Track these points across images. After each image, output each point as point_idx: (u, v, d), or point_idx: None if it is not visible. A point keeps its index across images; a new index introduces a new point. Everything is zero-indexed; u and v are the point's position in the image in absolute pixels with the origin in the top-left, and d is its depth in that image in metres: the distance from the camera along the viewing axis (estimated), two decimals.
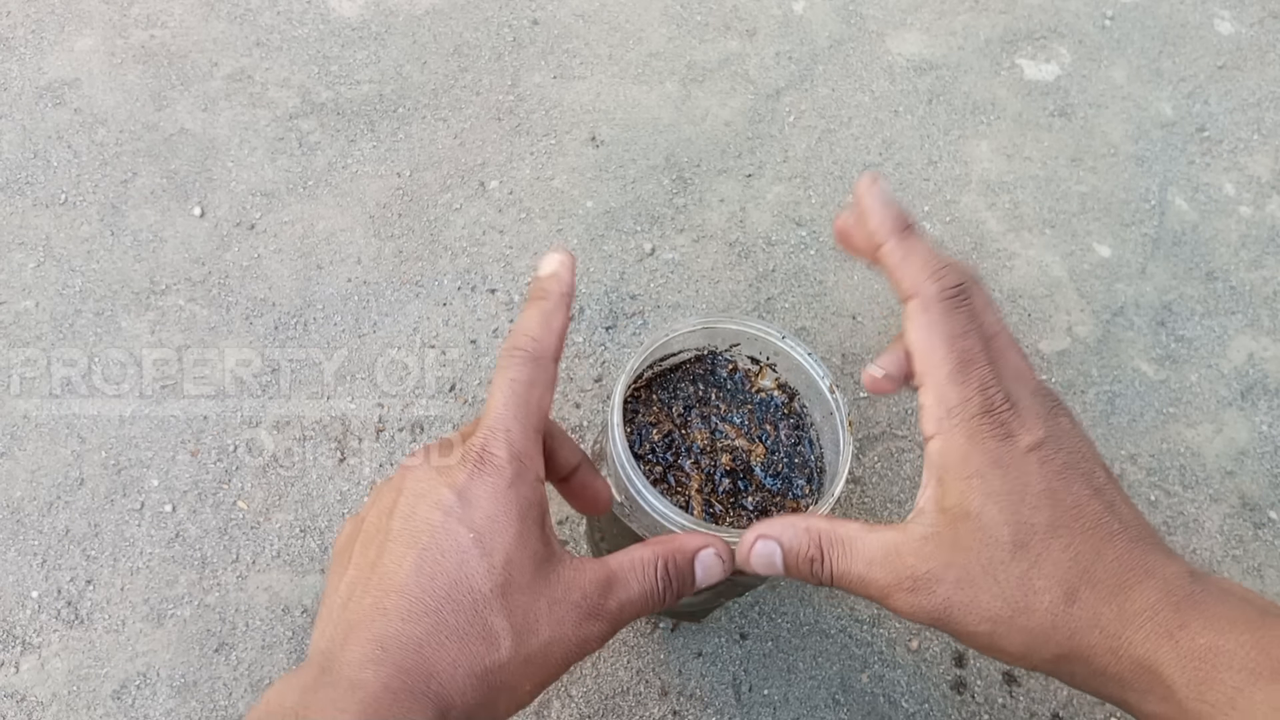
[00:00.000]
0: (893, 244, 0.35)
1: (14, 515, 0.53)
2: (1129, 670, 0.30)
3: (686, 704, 0.51)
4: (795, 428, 0.44)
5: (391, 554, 0.32)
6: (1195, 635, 0.30)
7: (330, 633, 0.31)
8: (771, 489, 0.43)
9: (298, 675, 0.30)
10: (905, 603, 0.32)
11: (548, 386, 0.35)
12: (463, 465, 0.33)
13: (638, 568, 0.34)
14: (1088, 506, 0.32)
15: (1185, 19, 0.81)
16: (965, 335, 0.33)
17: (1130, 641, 0.30)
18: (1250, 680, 0.29)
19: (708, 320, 0.43)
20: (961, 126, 0.73)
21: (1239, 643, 0.29)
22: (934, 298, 0.34)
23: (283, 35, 0.72)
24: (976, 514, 0.32)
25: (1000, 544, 0.31)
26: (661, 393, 0.44)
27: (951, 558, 0.32)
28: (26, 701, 0.48)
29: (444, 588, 0.31)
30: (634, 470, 0.38)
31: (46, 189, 0.63)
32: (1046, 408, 0.34)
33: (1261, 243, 0.70)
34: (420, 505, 0.33)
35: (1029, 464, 0.32)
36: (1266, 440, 0.61)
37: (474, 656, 0.30)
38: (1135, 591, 0.31)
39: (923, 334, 0.34)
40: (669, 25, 0.76)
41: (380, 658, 0.30)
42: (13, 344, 0.58)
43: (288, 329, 0.60)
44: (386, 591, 0.31)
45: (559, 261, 0.37)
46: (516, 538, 0.32)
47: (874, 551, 0.33)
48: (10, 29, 0.70)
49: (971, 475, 0.32)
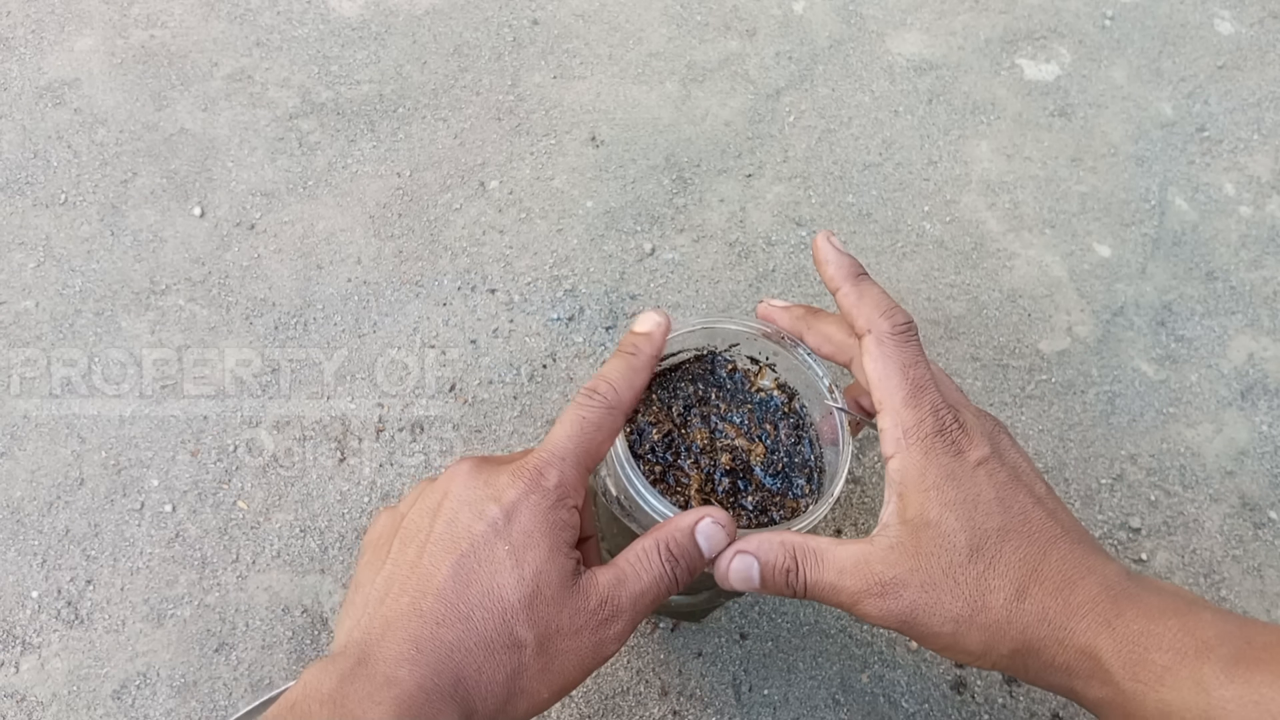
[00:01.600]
0: (848, 288, 0.39)
1: (14, 515, 0.53)
2: (1074, 658, 0.34)
3: (686, 704, 0.51)
4: (795, 427, 0.44)
5: (431, 556, 0.34)
6: (1130, 622, 0.33)
7: (366, 624, 0.33)
8: (771, 488, 0.43)
9: (335, 662, 0.32)
10: (874, 607, 0.35)
11: (610, 434, 0.38)
12: (514, 481, 0.35)
13: (642, 559, 0.36)
14: (1032, 513, 0.35)
15: (1185, 19, 0.81)
16: (916, 365, 0.37)
17: (1074, 631, 0.33)
18: (1178, 659, 0.32)
19: (707, 320, 0.43)
20: (961, 126, 0.73)
21: (1167, 627, 0.32)
22: (887, 332, 0.38)
23: (283, 35, 0.72)
24: (936, 522, 0.35)
25: (958, 549, 0.34)
26: (661, 392, 0.44)
27: (916, 563, 0.35)
28: (26, 701, 0.48)
29: (477, 596, 0.33)
30: (633, 470, 0.38)
31: (46, 189, 0.63)
32: (988, 428, 0.37)
33: (1261, 243, 0.70)
34: (465, 513, 0.34)
35: (979, 476, 0.35)
36: (1266, 440, 0.62)
37: (499, 664, 0.32)
38: (1078, 587, 0.34)
39: (878, 365, 0.37)
40: (669, 25, 0.76)
41: (415, 658, 0.31)
42: (13, 344, 0.58)
43: (288, 329, 0.60)
44: (424, 593, 0.33)
45: (655, 322, 0.40)
46: (548, 554, 0.34)
47: (844, 561, 0.36)
48: (10, 29, 0.70)
49: (929, 488, 0.35)
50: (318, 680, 0.31)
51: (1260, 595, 0.56)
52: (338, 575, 0.52)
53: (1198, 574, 0.57)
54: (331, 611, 0.52)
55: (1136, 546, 0.57)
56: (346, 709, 0.30)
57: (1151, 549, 0.57)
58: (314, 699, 0.30)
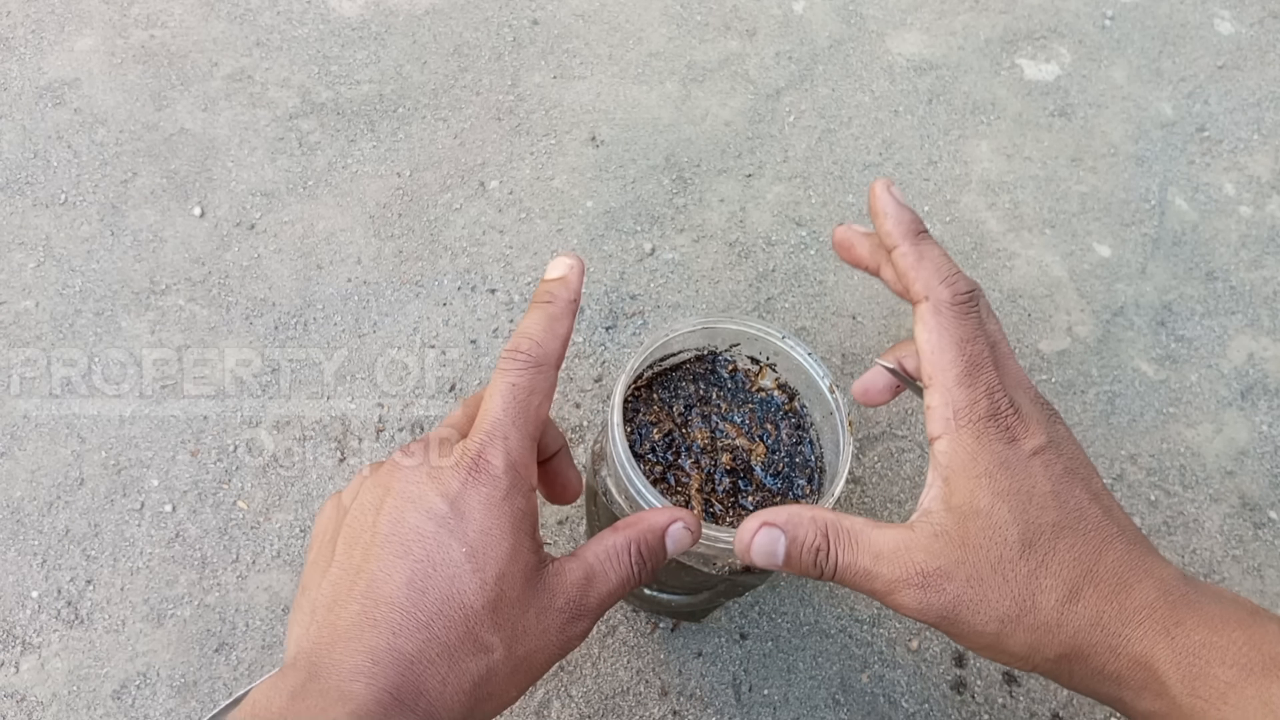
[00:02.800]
0: (906, 247, 0.36)
1: (14, 515, 0.53)
2: (1126, 667, 0.31)
3: (686, 704, 0.51)
4: (796, 427, 0.44)
5: (380, 561, 0.31)
6: (1190, 632, 0.30)
7: (315, 635, 0.31)
8: (772, 488, 0.43)
9: (283, 679, 0.30)
10: (912, 599, 0.32)
11: (547, 394, 0.35)
12: (456, 471, 0.33)
13: (611, 557, 0.34)
14: (1089, 510, 0.33)
15: (1185, 19, 0.81)
16: (974, 340, 0.34)
17: (1129, 639, 0.31)
18: (1243, 675, 0.29)
19: (708, 320, 0.43)
20: (961, 126, 0.73)
21: (1231, 639, 0.30)
22: (946, 302, 0.34)
23: (283, 35, 0.72)
24: (986, 512, 0.32)
25: (1009, 543, 0.32)
26: (662, 392, 0.44)
27: (963, 555, 0.32)
28: (26, 701, 0.48)
29: (435, 603, 0.31)
30: (634, 470, 0.38)
31: (46, 189, 0.63)
32: (1046, 415, 0.35)
33: (1261, 243, 0.70)
34: (410, 511, 0.32)
35: (1034, 467, 0.33)
36: (1266, 440, 0.62)
37: (464, 672, 0.30)
38: (1134, 591, 0.31)
39: (934, 336, 0.34)
40: (669, 25, 0.76)
41: (371, 671, 0.29)
42: (13, 344, 0.58)
43: (288, 329, 0.60)
44: (376, 602, 0.31)
45: (567, 266, 0.37)
46: (510, 552, 0.32)
47: (882, 546, 0.33)
48: (10, 29, 0.70)
49: (980, 475, 0.33)
50: (267, 699, 0.29)
51: (1260, 595, 0.56)
52: None
53: (1198, 574, 0.57)
54: None
55: None
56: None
57: None
58: (263, 717, 0.28)
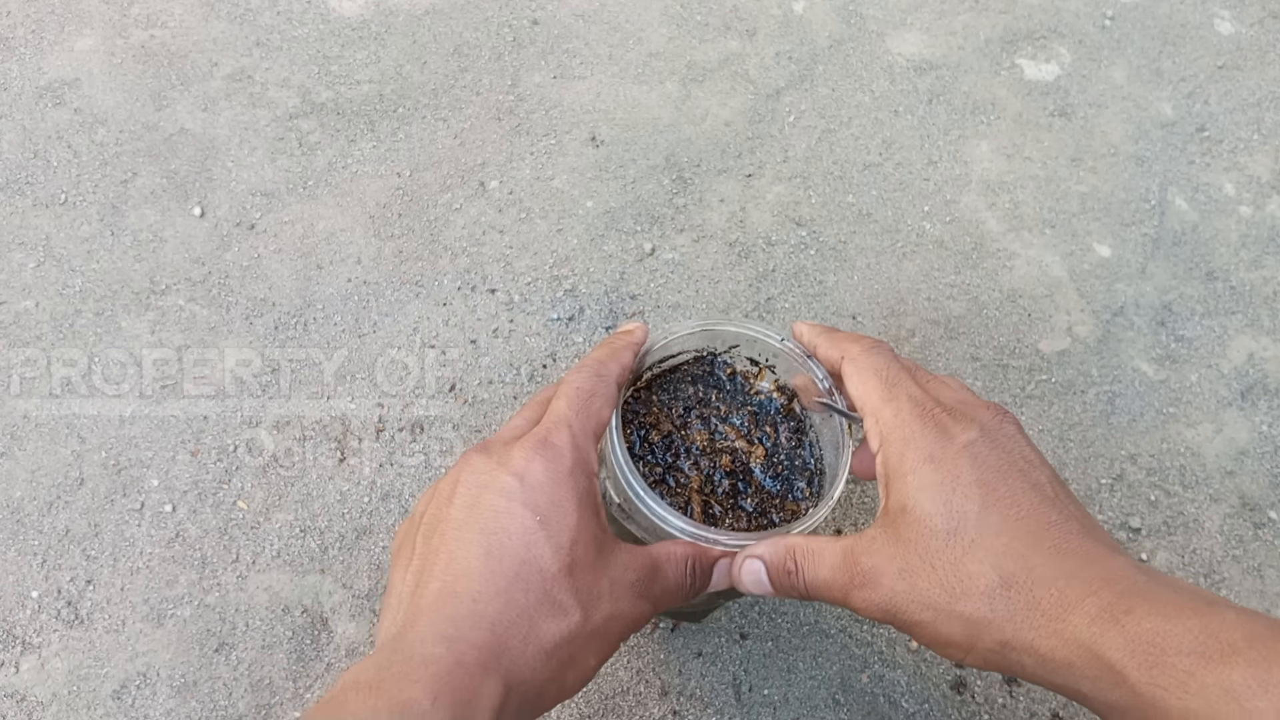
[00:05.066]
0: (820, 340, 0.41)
1: (14, 515, 0.53)
2: (1076, 655, 0.31)
3: (686, 704, 0.51)
4: (795, 430, 0.44)
5: (458, 541, 0.34)
6: (1141, 620, 0.30)
7: (402, 618, 0.33)
8: (771, 490, 0.43)
9: (373, 657, 0.32)
10: (859, 599, 0.35)
11: (607, 400, 0.38)
12: (523, 450, 0.35)
13: (675, 560, 0.37)
14: (1023, 498, 0.34)
15: (1185, 19, 0.81)
16: (889, 367, 0.38)
17: (1073, 625, 0.31)
18: (1201, 663, 0.29)
19: (706, 322, 0.43)
20: (961, 126, 0.73)
21: (1186, 627, 0.30)
22: (858, 351, 0.39)
23: (283, 35, 0.72)
24: (912, 507, 0.34)
25: (935, 532, 0.33)
26: (661, 394, 0.44)
27: (894, 550, 0.34)
28: (26, 701, 0.48)
29: (512, 568, 0.33)
30: (632, 473, 0.38)
31: (46, 189, 0.63)
32: (990, 414, 0.36)
33: (1261, 243, 0.70)
34: (484, 494, 0.34)
35: (961, 459, 0.34)
36: (1266, 440, 0.61)
37: (544, 633, 0.32)
38: (1076, 578, 0.32)
39: (854, 379, 0.38)
40: (669, 25, 0.76)
41: (453, 635, 0.31)
42: (13, 344, 0.58)
43: (288, 329, 0.60)
44: (456, 576, 0.33)
45: (636, 325, 0.42)
46: (579, 520, 0.34)
47: (835, 557, 0.36)
48: (10, 29, 0.70)
49: (907, 473, 0.35)
50: (355, 673, 0.31)
51: (1260, 595, 0.56)
52: (338, 575, 0.52)
53: (1198, 574, 0.57)
54: (332, 611, 0.52)
55: (1136, 546, 0.57)
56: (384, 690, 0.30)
57: (1151, 549, 0.57)
58: (351, 688, 0.30)
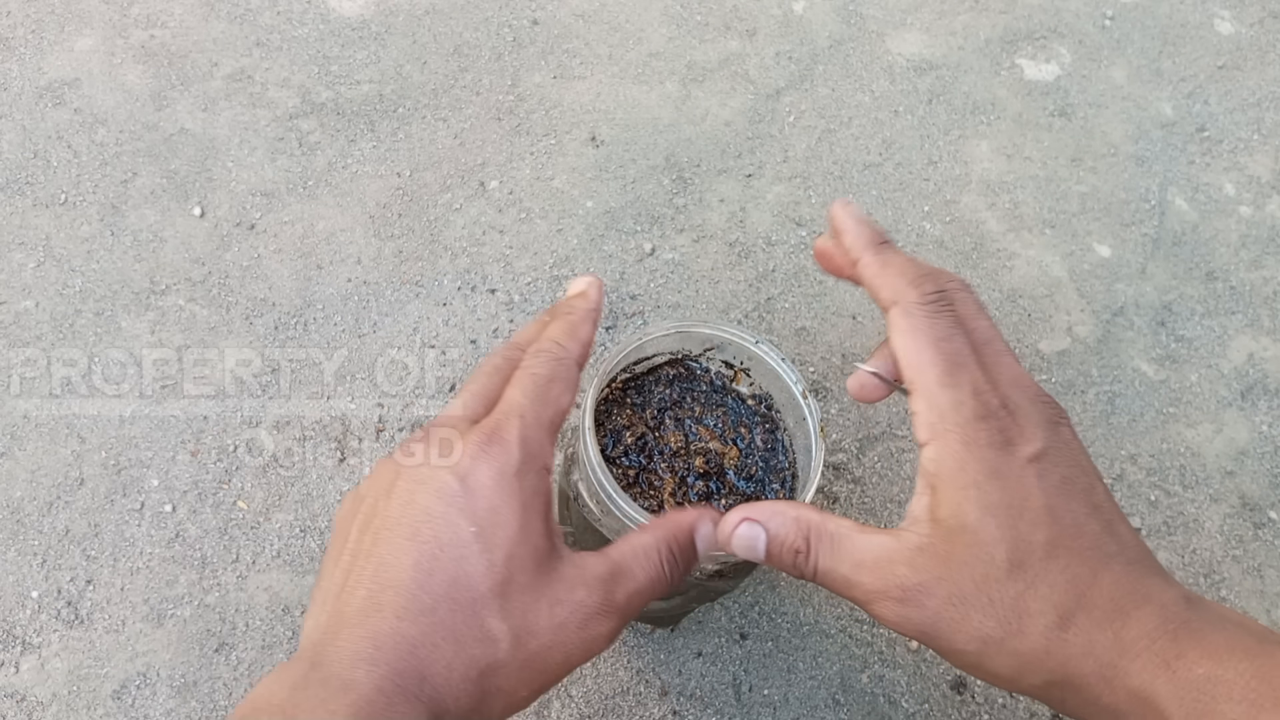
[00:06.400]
0: (869, 257, 0.35)
1: (14, 515, 0.53)
2: (1124, 701, 0.29)
3: (686, 704, 0.51)
4: (769, 432, 0.44)
5: (390, 544, 0.31)
6: (1192, 665, 0.28)
7: (324, 623, 0.30)
8: (745, 492, 0.43)
9: (288, 670, 0.29)
10: (892, 612, 0.31)
11: (568, 386, 0.34)
12: (468, 444, 0.32)
13: (640, 555, 0.33)
14: (1086, 526, 0.31)
15: (1185, 19, 0.81)
16: (951, 338, 0.33)
17: (1126, 671, 0.29)
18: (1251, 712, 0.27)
19: (682, 324, 0.43)
20: (961, 126, 0.73)
21: (1238, 672, 0.28)
22: (915, 302, 0.33)
23: (283, 35, 0.72)
24: (973, 528, 0.30)
25: (996, 562, 0.30)
26: (635, 396, 0.44)
27: (945, 572, 0.30)
28: (26, 701, 0.48)
29: (442, 585, 0.30)
30: (605, 475, 0.37)
31: (46, 189, 0.63)
32: (1047, 416, 0.32)
33: (1261, 243, 0.70)
34: (420, 491, 0.31)
35: (1028, 476, 0.31)
36: (1266, 440, 0.61)
37: (470, 660, 0.29)
38: (1132, 618, 0.29)
39: (907, 339, 0.33)
40: (669, 25, 0.76)
41: (374, 657, 0.28)
42: (13, 344, 0.58)
43: (288, 329, 0.60)
44: (383, 586, 0.30)
45: (586, 283, 0.37)
46: (519, 532, 0.31)
47: (863, 554, 0.32)
48: (10, 29, 0.70)
49: (968, 485, 0.31)
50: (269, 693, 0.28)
51: (1260, 595, 0.56)
52: None
53: (1198, 574, 0.57)
54: None
55: None
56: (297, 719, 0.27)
57: (1151, 549, 0.57)
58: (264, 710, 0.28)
